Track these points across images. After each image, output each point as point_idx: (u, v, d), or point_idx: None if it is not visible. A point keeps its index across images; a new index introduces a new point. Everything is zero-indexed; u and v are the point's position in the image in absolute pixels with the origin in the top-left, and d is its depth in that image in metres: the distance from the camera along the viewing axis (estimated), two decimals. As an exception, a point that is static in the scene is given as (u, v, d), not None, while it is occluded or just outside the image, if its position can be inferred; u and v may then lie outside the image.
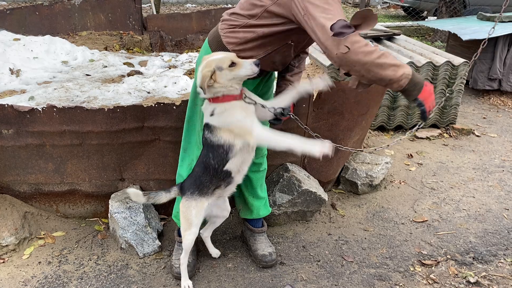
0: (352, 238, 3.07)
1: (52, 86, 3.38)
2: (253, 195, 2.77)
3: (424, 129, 4.79)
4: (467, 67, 4.13)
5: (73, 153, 2.91)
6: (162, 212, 3.23)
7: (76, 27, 6.02)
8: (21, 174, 2.96)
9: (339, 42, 1.85)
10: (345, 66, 1.91)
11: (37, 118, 2.75)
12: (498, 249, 2.95)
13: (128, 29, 6.30)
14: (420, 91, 1.98)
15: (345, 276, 2.71)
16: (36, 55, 4.06)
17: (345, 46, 1.84)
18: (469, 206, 3.47)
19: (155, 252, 2.87)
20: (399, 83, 1.93)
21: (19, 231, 2.85)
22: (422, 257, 2.88)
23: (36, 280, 2.63)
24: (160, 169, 3.05)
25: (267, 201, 2.88)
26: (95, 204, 3.15)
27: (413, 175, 3.93)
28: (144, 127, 2.88)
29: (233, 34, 2.19)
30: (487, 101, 5.80)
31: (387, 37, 5.37)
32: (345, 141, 3.34)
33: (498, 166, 4.13)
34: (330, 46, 1.87)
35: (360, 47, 1.85)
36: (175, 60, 4.42)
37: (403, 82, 1.92)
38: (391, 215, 3.34)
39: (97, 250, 2.91)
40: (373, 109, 3.48)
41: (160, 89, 3.40)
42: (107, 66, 4.09)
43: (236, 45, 2.19)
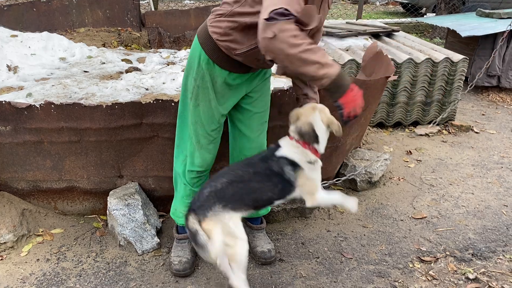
0: (351, 235, 3.07)
1: (50, 82, 3.36)
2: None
3: (423, 125, 4.79)
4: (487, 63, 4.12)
5: (71, 150, 2.90)
6: (161, 209, 3.22)
7: (74, 24, 5.99)
8: (19, 171, 2.94)
9: (267, 26, 1.79)
10: (269, 52, 1.86)
11: (34, 115, 2.74)
12: (497, 246, 2.95)
13: (126, 26, 6.28)
14: (343, 94, 1.97)
15: (344, 272, 2.71)
16: (33, 51, 4.04)
17: (272, 32, 1.78)
18: (468, 202, 3.47)
19: (154, 249, 2.87)
20: (321, 82, 1.91)
21: (17, 228, 2.84)
22: (421, 253, 2.88)
23: (35, 277, 2.62)
24: (158, 166, 3.05)
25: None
26: (94, 201, 3.14)
27: (412, 172, 3.93)
28: (143, 123, 2.87)
29: (217, 24, 2.16)
30: (486, 98, 5.80)
31: (386, 34, 5.36)
32: (344, 137, 3.34)
33: (497, 162, 4.13)
34: (260, 28, 1.82)
35: (287, 37, 1.79)
36: (174, 57, 4.40)
37: (324, 81, 1.91)
38: (390, 212, 3.34)
39: (96, 247, 2.90)
40: (372, 106, 3.48)
41: (158, 86, 3.39)
42: (105, 63, 4.07)
43: (220, 35, 2.16)
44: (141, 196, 3.00)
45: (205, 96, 2.36)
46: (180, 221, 2.74)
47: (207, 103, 2.37)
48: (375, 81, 3.16)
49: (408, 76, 4.47)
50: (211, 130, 2.45)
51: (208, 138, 2.48)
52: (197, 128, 2.47)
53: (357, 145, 3.95)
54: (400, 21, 9.49)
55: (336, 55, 4.48)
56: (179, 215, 2.73)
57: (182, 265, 2.63)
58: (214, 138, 2.50)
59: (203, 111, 2.40)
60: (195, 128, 2.47)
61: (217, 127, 2.46)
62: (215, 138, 2.50)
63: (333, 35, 5.08)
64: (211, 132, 2.46)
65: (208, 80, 2.30)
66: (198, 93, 2.38)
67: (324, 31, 5.15)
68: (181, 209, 2.71)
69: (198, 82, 2.35)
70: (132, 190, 3.00)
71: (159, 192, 3.16)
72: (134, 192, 2.98)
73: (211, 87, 2.32)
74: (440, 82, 4.61)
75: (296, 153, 2.25)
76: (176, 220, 2.76)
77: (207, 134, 2.46)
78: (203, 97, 2.37)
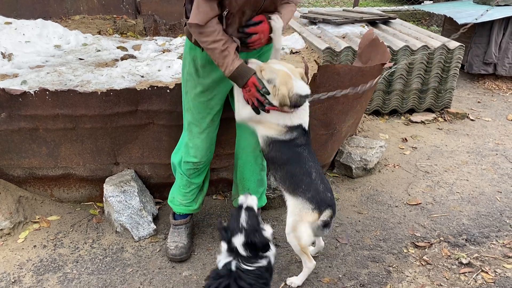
0: (347, 221, 3.09)
1: (45, 70, 3.34)
2: (252, 189, 2.79)
3: (419, 113, 4.80)
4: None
5: (66, 137, 2.89)
6: (157, 196, 3.24)
7: (68, 11, 5.92)
8: (14, 158, 2.94)
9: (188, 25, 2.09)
10: (194, 36, 2.14)
11: (29, 102, 2.73)
12: (491, 231, 2.98)
13: (121, 13, 6.21)
14: (241, 87, 2.21)
15: (339, 257, 2.74)
16: (28, 39, 4.00)
17: (192, 29, 2.10)
18: (462, 189, 3.50)
19: (151, 235, 2.89)
20: (225, 73, 2.16)
21: (14, 215, 2.85)
22: (415, 239, 2.91)
23: (32, 263, 2.64)
24: (154, 153, 3.05)
25: (264, 193, 2.89)
26: (90, 188, 3.15)
27: (408, 159, 3.95)
28: (138, 110, 2.87)
29: (186, 6, 2.24)
30: (482, 86, 5.80)
31: (382, 21, 5.34)
32: (340, 124, 3.34)
33: (491, 149, 4.15)
34: (191, 13, 2.07)
35: (196, 34, 2.10)
36: (169, 44, 4.37)
37: (226, 73, 2.16)
38: (385, 198, 3.36)
39: (93, 233, 2.91)
40: (368, 93, 3.48)
41: (154, 73, 3.37)
42: (100, 50, 4.04)
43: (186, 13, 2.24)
44: (137, 183, 3.01)
45: (192, 82, 2.39)
46: (177, 209, 2.75)
47: (193, 89, 2.40)
48: (371, 68, 3.15)
49: (404, 64, 4.47)
50: (200, 118, 2.46)
51: (199, 126, 2.49)
52: (188, 116, 2.49)
53: (353, 132, 3.96)
54: (397, 8, 9.43)
55: (332, 42, 4.47)
56: (176, 203, 2.75)
57: (178, 250, 2.65)
58: (206, 127, 2.50)
59: (192, 98, 2.43)
60: (186, 116, 2.50)
61: (206, 115, 2.46)
62: (206, 128, 2.51)
63: (329, 22, 5.06)
64: (200, 120, 2.47)
65: (192, 65, 2.33)
66: (187, 80, 2.42)
67: (321, 18, 5.13)
68: (178, 198, 2.73)
69: (186, 69, 2.39)
70: (128, 177, 3.01)
71: (155, 179, 3.17)
72: (130, 179, 2.99)
73: (195, 72, 2.34)
74: (436, 70, 4.60)
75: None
76: (174, 208, 2.77)
77: (197, 122, 2.47)
78: (191, 84, 2.40)
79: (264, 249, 2.04)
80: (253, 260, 2.04)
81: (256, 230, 2.05)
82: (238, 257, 2.03)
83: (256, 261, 2.05)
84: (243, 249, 2.02)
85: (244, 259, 2.03)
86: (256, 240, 2.02)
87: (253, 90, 2.18)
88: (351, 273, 2.61)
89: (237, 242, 2.02)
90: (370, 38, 3.57)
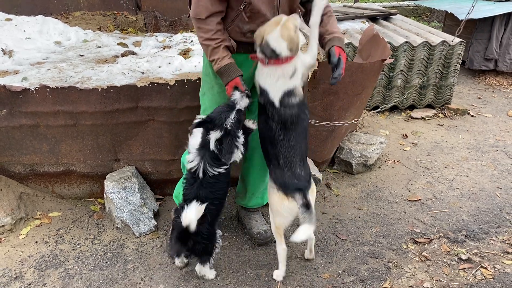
0: (346, 217, 3.10)
1: (45, 66, 3.35)
2: (256, 192, 2.80)
3: (419, 109, 4.80)
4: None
5: (67, 134, 2.90)
6: (158, 192, 3.25)
7: (69, 7, 5.92)
8: (15, 155, 2.95)
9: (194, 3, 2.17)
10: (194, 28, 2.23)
11: (30, 98, 2.74)
12: (490, 227, 2.99)
13: (122, 10, 6.20)
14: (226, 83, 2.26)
15: (339, 253, 2.75)
16: (28, 35, 4.00)
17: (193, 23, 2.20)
18: (462, 185, 3.50)
19: (151, 231, 2.90)
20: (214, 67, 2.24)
21: (15, 212, 2.87)
22: (415, 235, 2.92)
23: (33, 259, 2.65)
24: (155, 150, 3.06)
25: (265, 193, 2.89)
26: (91, 184, 3.16)
27: (408, 155, 3.95)
28: (138, 107, 2.87)
29: None
30: (483, 81, 5.80)
31: (383, 17, 5.33)
32: (340, 121, 3.34)
33: (492, 145, 4.15)
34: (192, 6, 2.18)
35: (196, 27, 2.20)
36: (170, 41, 4.37)
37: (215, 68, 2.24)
38: (385, 194, 3.37)
39: (94, 230, 2.93)
40: (368, 89, 3.47)
41: (154, 70, 3.37)
42: (100, 47, 4.04)
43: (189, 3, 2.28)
44: (138, 180, 3.02)
45: (209, 83, 2.42)
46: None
47: (211, 89, 2.43)
48: (371, 64, 3.15)
49: (405, 60, 4.46)
50: None
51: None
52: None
53: (353, 128, 3.97)
54: (398, 4, 9.41)
55: (332, 39, 4.46)
56: (181, 198, 2.73)
57: None
58: None
59: (208, 99, 2.46)
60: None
61: None
62: None
63: (330, 19, 5.05)
64: None
65: (209, 66, 2.35)
66: (204, 81, 2.46)
67: (321, 14, 5.11)
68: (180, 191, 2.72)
69: (204, 70, 2.44)
70: (129, 173, 3.02)
71: (155, 176, 3.18)
72: (131, 176, 3.00)
73: (212, 73, 2.36)
74: (437, 66, 4.60)
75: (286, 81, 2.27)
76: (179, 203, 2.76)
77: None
78: (207, 84, 2.44)
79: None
80: (218, 163, 2.25)
81: (232, 135, 2.22)
82: (205, 158, 2.23)
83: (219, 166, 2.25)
84: (214, 144, 2.20)
85: (211, 158, 2.23)
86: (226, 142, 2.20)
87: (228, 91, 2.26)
88: (351, 269, 2.62)
89: (213, 136, 2.19)
90: (371, 34, 3.57)
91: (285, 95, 2.21)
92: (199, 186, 2.29)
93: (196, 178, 2.29)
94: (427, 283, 2.50)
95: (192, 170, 2.29)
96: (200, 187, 2.29)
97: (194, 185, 2.30)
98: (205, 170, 2.26)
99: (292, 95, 2.22)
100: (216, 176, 2.28)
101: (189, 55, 3.70)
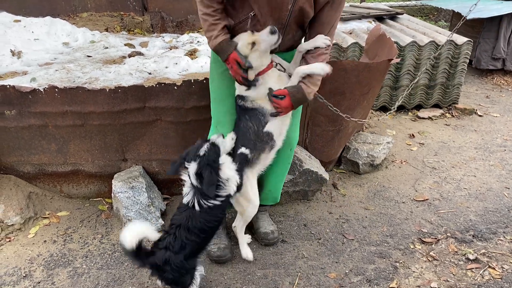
0: (353, 217, 3.10)
1: (53, 67, 3.38)
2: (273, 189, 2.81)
3: (427, 109, 4.78)
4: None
5: (75, 134, 2.93)
6: (165, 192, 3.26)
7: (76, 9, 5.96)
8: (24, 155, 2.98)
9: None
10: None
11: (39, 99, 2.76)
12: (498, 227, 2.98)
13: (128, 10, 6.23)
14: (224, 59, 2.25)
15: (346, 253, 2.75)
16: (37, 36, 4.04)
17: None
18: (470, 185, 3.49)
19: (159, 230, 2.91)
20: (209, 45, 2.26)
21: (24, 211, 2.89)
22: (422, 235, 2.91)
23: (42, 258, 2.68)
24: (162, 149, 3.07)
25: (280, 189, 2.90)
26: (99, 184, 3.18)
27: (415, 155, 3.94)
28: (146, 107, 2.89)
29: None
30: (491, 81, 5.76)
31: (389, 17, 5.32)
32: (347, 120, 3.34)
33: (500, 145, 4.13)
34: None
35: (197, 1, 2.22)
36: (176, 41, 4.39)
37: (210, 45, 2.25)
38: (392, 194, 3.36)
39: (101, 229, 2.95)
40: (375, 89, 3.47)
41: (161, 70, 3.39)
42: (108, 48, 4.07)
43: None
44: (145, 179, 3.04)
45: (218, 69, 2.43)
46: None
47: (220, 75, 2.44)
48: (377, 64, 3.15)
49: (411, 59, 4.45)
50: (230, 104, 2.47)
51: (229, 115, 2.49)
52: (215, 105, 2.51)
53: (360, 128, 3.96)
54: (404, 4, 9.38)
55: (339, 38, 4.46)
56: None
57: (222, 251, 2.65)
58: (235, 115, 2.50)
59: (217, 86, 2.47)
60: (213, 106, 2.53)
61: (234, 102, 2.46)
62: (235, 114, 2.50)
63: (336, 18, 5.05)
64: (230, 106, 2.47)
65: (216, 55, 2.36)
66: (212, 68, 2.47)
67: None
68: None
69: (212, 57, 2.45)
70: (136, 173, 3.03)
71: (163, 175, 3.19)
72: (138, 175, 3.01)
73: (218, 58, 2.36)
74: (444, 65, 4.58)
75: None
76: None
77: (227, 108, 2.48)
78: (217, 71, 2.45)
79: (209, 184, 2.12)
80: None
81: (210, 165, 2.13)
82: (197, 191, 2.17)
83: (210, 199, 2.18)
84: (195, 179, 2.13)
85: (202, 194, 2.15)
86: (205, 174, 2.10)
87: (234, 67, 2.23)
88: (358, 268, 2.62)
89: (191, 169, 2.13)
90: (377, 33, 3.57)
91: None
92: (188, 217, 2.20)
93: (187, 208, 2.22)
94: (434, 283, 2.50)
95: (186, 201, 2.23)
96: (189, 218, 2.20)
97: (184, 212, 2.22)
98: (199, 203, 2.19)
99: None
100: (210, 208, 2.20)
101: (196, 56, 3.72)
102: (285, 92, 2.26)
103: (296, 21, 2.27)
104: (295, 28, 2.31)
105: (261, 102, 2.33)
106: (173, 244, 2.15)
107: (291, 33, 2.32)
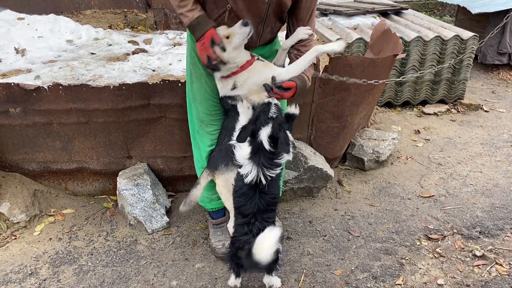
0: (359, 214, 3.08)
1: (57, 65, 3.38)
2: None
3: (432, 104, 4.75)
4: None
5: (80, 131, 2.92)
6: (170, 189, 3.26)
7: (80, 6, 5.96)
8: (29, 153, 2.98)
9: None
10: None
11: (43, 97, 2.76)
12: (505, 223, 2.95)
13: (132, 7, 6.23)
14: (200, 36, 2.12)
15: (352, 250, 2.74)
16: (40, 34, 4.04)
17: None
18: (476, 181, 3.46)
19: (164, 228, 2.91)
20: (184, 22, 2.14)
21: (30, 209, 2.90)
22: (428, 231, 2.89)
23: (48, 255, 2.68)
24: (167, 147, 3.07)
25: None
26: (103, 181, 3.18)
27: (420, 151, 3.92)
28: (150, 104, 2.88)
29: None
30: (496, 76, 5.72)
31: (394, 12, 5.28)
32: (352, 116, 3.32)
33: (506, 141, 4.09)
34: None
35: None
36: (180, 38, 4.39)
37: (185, 22, 2.13)
38: (398, 191, 3.34)
39: (106, 226, 2.95)
40: (380, 85, 3.45)
41: (165, 67, 3.39)
42: (111, 45, 4.06)
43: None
44: (150, 176, 3.03)
45: (196, 72, 2.38)
46: (208, 206, 2.73)
47: (199, 78, 2.38)
48: (383, 59, 3.13)
49: (416, 55, 4.42)
50: (210, 106, 2.44)
51: (209, 116, 2.47)
52: (197, 106, 2.47)
53: (365, 124, 3.94)
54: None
55: (344, 34, 4.43)
56: (206, 200, 2.70)
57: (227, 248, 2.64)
58: (216, 115, 2.48)
59: (197, 88, 2.42)
60: (195, 106, 2.48)
61: (214, 104, 2.43)
62: (216, 115, 2.48)
63: (340, 14, 5.02)
64: (210, 108, 2.45)
65: (194, 54, 2.32)
66: (191, 70, 2.41)
67: (332, 10, 5.09)
68: (205, 194, 2.66)
69: (189, 59, 2.39)
70: (141, 170, 3.03)
71: (167, 172, 3.19)
72: (143, 173, 3.01)
73: (198, 61, 2.32)
74: (449, 60, 4.54)
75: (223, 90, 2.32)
76: (206, 206, 2.75)
77: (208, 110, 2.45)
78: (195, 73, 2.39)
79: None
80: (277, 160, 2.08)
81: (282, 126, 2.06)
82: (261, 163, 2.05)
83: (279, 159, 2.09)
84: (267, 143, 2.02)
85: (268, 160, 2.05)
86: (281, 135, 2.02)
87: (206, 43, 2.11)
88: (364, 265, 2.61)
89: (264, 134, 2.02)
90: (382, 29, 3.54)
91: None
92: (259, 198, 2.15)
93: (255, 189, 2.14)
94: (440, 280, 2.48)
95: (250, 181, 2.13)
96: (260, 198, 2.15)
97: (253, 198, 2.15)
98: (265, 176, 2.11)
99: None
100: (273, 179, 2.15)
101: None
102: (293, 84, 2.19)
103: (275, 13, 2.22)
104: (274, 20, 2.26)
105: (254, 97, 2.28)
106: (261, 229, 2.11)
107: (270, 25, 2.28)
